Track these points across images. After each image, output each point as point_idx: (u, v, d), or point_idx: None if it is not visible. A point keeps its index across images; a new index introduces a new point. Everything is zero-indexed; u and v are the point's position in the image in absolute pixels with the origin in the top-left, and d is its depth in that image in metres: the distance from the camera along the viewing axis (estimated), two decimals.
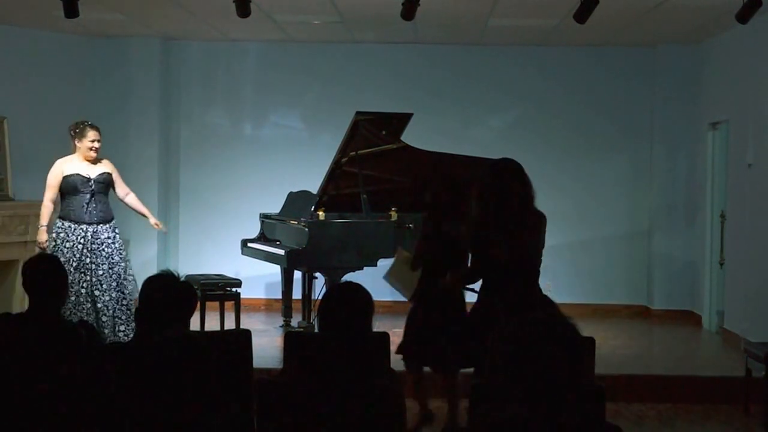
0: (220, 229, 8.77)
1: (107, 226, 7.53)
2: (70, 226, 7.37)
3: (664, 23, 8.82)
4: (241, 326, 8.18)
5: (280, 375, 3.59)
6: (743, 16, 7.17)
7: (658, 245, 10.24)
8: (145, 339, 3.59)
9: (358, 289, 3.43)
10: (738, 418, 6.81)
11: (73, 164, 7.51)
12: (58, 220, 7.45)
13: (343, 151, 8.37)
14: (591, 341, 4.85)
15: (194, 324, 4.89)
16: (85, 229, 7.37)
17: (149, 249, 10.29)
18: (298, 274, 9.08)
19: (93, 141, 7.52)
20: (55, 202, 7.52)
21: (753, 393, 6.72)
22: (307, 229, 8.08)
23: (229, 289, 8.49)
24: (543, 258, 5.52)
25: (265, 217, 8.91)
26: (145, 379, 3.37)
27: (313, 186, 8.66)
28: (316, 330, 3.43)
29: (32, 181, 9.62)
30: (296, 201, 8.72)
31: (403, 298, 10.39)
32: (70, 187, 7.44)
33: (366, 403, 3.22)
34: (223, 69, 10.58)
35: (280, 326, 8.97)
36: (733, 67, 9.05)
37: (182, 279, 3.78)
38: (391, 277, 6.89)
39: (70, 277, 7.18)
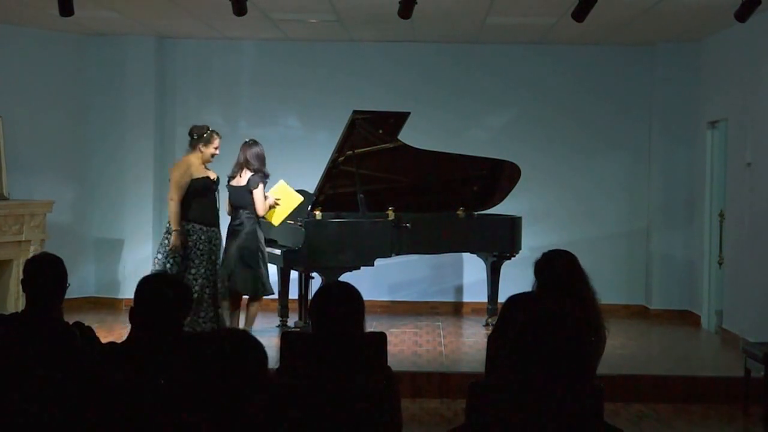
0: None
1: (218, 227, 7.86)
2: (201, 228, 7.65)
3: (662, 22, 8.79)
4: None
5: (277, 374, 3.56)
6: (742, 14, 7.13)
7: (656, 245, 10.21)
8: (139, 339, 3.55)
9: (348, 289, 3.41)
10: (737, 418, 6.79)
11: (195, 167, 7.70)
12: (183, 222, 7.68)
13: (340, 150, 8.34)
14: (589, 341, 4.81)
15: None
16: (206, 230, 7.70)
17: (144, 248, 10.25)
18: (294, 274, 9.05)
19: (217, 148, 7.76)
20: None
21: (752, 393, 6.71)
22: (303, 229, 8.05)
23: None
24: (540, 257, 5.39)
25: (261, 217, 8.86)
26: (139, 379, 3.34)
27: (310, 185, 8.62)
28: None
29: (27, 180, 9.59)
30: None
31: (401, 298, 10.45)
32: (200, 190, 7.65)
33: (362, 402, 3.19)
34: (219, 67, 10.53)
35: (277, 326, 8.94)
36: (732, 66, 9.02)
37: (175, 277, 3.74)
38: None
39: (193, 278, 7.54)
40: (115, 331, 8.52)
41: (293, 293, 9.10)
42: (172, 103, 10.50)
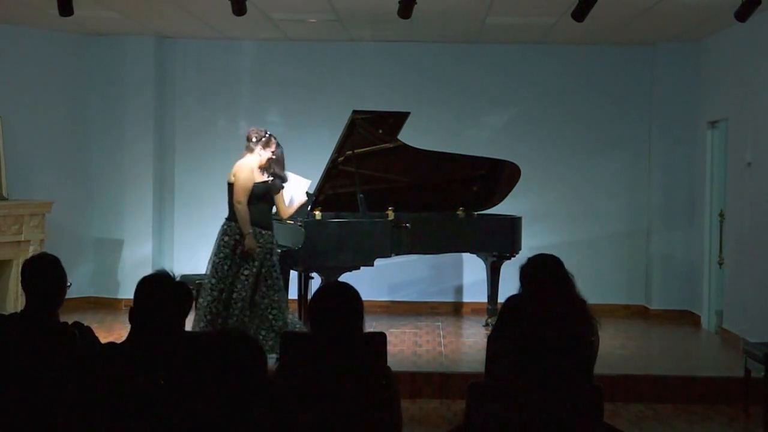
0: (215, 228, 8.69)
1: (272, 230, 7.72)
2: (260, 232, 7.49)
3: (662, 21, 8.79)
4: None
5: (276, 374, 3.55)
6: (742, 14, 7.12)
7: (656, 245, 10.21)
8: (138, 340, 3.55)
9: (346, 289, 3.41)
10: (737, 418, 6.78)
11: (256, 171, 7.55)
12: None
13: (339, 150, 8.34)
14: (589, 341, 4.81)
15: (189, 324, 4.86)
16: (263, 233, 7.53)
17: (144, 248, 10.24)
18: (294, 274, 9.03)
19: (274, 151, 7.63)
20: None
21: (752, 394, 6.69)
22: (303, 229, 8.04)
23: None
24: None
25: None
26: (138, 379, 3.33)
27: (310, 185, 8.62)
28: None
29: (26, 180, 9.58)
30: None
31: (400, 298, 10.44)
32: (261, 194, 7.52)
33: (361, 402, 3.18)
34: (218, 67, 10.52)
35: None
36: (732, 66, 9.02)
37: (177, 279, 3.74)
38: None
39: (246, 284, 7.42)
40: (114, 331, 8.51)
41: (293, 293, 9.08)
42: (171, 103, 10.50)
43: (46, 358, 3.80)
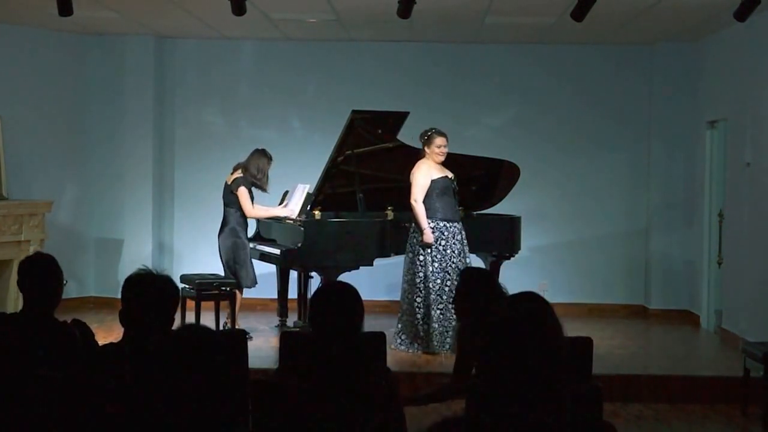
0: (215, 228, 8.72)
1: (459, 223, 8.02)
2: (445, 225, 7.81)
3: (662, 21, 8.79)
4: (236, 326, 8.18)
5: (276, 375, 3.56)
6: (741, 14, 7.12)
7: (655, 244, 10.21)
8: (134, 340, 3.55)
9: (347, 289, 3.41)
10: (736, 418, 6.78)
11: (433, 168, 7.92)
12: (429, 221, 7.79)
13: (339, 149, 8.34)
14: (588, 341, 4.82)
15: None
16: (458, 226, 7.87)
17: (144, 248, 10.24)
18: (293, 274, 9.04)
19: (440, 146, 7.92)
20: None
21: (751, 393, 6.70)
22: (302, 228, 8.05)
23: (224, 288, 8.44)
24: (539, 257, 5.31)
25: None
26: (137, 379, 3.34)
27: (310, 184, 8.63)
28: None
29: (26, 179, 9.58)
30: (292, 200, 8.70)
31: (400, 298, 10.43)
32: (440, 189, 7.85)
33: (362, 403, 3.18)
34: (218, 67, 10.52)
35: (276, 326, 8.94)
36: (731, 66, 9.02)
37: (160, 273, 3.69)
38: None
39: (441, 276, 7.79)
40: (114, 331, 8.49)
41: (292, 293, 9.09)
42: (171, 102, 10.50)
43: (46, 357, 3.81)
